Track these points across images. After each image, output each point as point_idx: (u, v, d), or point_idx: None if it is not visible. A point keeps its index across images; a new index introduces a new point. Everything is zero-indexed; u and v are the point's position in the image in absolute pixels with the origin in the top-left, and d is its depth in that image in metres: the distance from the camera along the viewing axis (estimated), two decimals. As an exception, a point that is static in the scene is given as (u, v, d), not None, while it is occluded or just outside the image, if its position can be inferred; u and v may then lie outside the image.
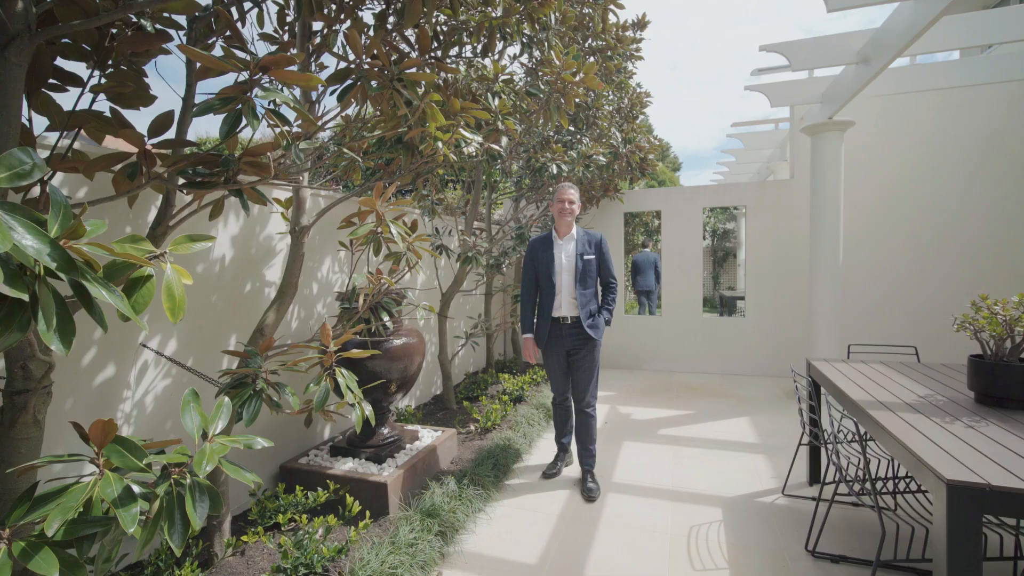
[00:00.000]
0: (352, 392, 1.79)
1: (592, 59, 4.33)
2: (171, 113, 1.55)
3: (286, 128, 1.59)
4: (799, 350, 5.89)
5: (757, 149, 7.78)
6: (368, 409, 1.92)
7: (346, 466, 3.02)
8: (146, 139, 1.48)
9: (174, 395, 2.54)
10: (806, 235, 5.83)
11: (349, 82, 1.83)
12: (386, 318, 2.50)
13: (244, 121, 1.37)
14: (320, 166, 2.52)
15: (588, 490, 3.07)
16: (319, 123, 1.89)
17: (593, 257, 3.19)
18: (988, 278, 5.34)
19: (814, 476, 3.12)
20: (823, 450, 2.92)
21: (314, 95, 2.45)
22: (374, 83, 1.78)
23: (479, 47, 2.95)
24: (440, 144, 2.12)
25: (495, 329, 5.57)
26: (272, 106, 1.42)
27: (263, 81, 1.39)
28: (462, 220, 4.92)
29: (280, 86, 1.57)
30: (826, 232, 4.90)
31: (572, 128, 4.64)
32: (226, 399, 1.39)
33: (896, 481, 2.38)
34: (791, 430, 4.13)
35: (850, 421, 3.33)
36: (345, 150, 2.34)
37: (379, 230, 2.07)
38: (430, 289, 4.93)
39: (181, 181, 1.59)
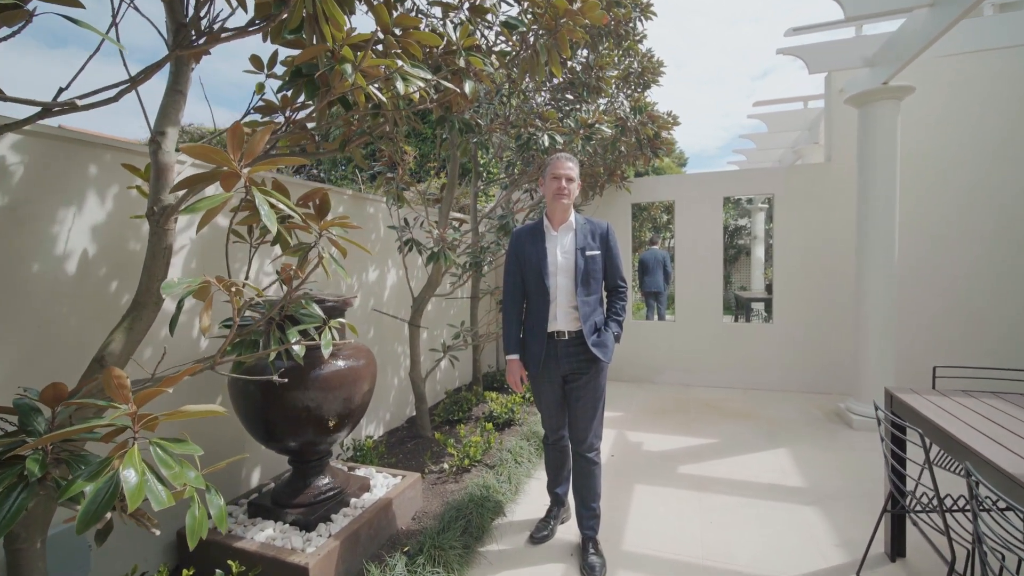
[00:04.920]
0: (160, 484, 0.99)
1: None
2: None
3: None
4: (838, 362, 5.07)
5: (783, 132, 6.90)
6: (214, 507, 1.13)
7: (263, 534, 2.23)
8: None
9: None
10: (845, 227, 5.00)
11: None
12: (295, 339, 1.70)
13: None
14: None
15: (590, 567, 2.27)
16: None
17: (598, 252, 2.38)
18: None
19: (897, 548, 2.30)
20: (910, 519, 2.11)
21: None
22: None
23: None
24: (348, 68, 1.32)
25: (481, 339, 4.77)
26: None
27: None
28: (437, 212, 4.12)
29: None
30: (878, 224, 4.07)
31: (571, 96, 3.83)
32: None
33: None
34: (845, 468, 3.31)
35: (945, 477, 2.54)
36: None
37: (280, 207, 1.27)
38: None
39: None
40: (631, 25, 3.88)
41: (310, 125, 2.12)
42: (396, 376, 4.21)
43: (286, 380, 1.45)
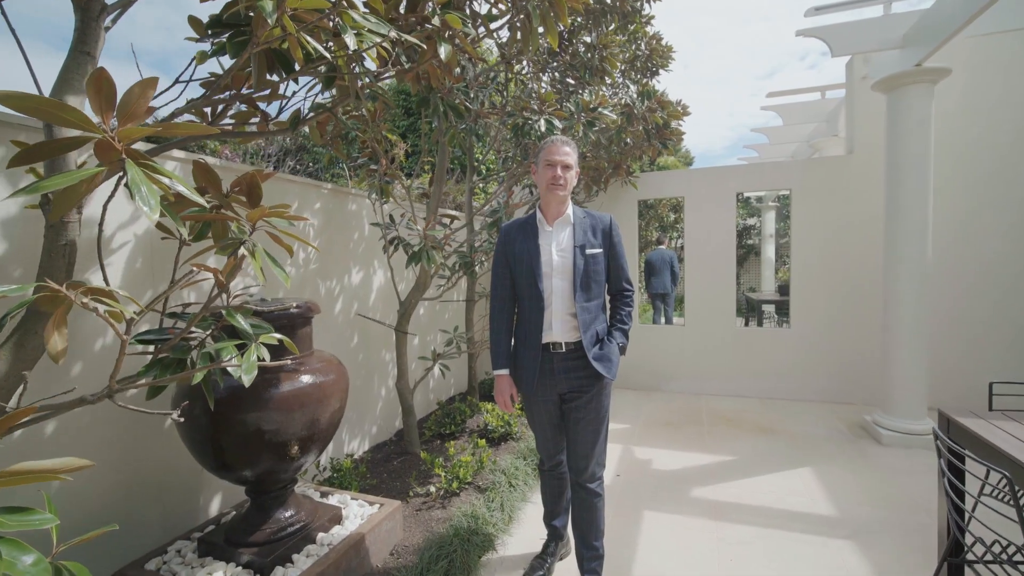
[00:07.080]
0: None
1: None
2: None
3: None
4: (862, 369, 4.70)
5: (799, 124, 6.53)
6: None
7: (211, 580, 1.92)
8: None
9: None
10: (868, 224, 4.64)
11: None
12: (231, 356, 1.39)
13: None
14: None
15: (592, 619, 1.94)
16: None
17: (600, 250, 2.06)
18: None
19: (955, 599, 1.96)
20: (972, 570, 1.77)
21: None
22: None
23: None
24: (269, 6, 1.01)
25: (476, 346, 4.45)
26: None
27: None
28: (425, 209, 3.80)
29: None
30: (909, 219, 3.71)
31: (572, 81, 3.51)
32: None
33: None
34: (879, 493, 2.96)
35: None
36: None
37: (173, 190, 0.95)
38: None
39: None
40: (638, 3, 3.54)
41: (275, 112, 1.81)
42: (384, 386, 3.89)
43: (183, 419, 1.13)
